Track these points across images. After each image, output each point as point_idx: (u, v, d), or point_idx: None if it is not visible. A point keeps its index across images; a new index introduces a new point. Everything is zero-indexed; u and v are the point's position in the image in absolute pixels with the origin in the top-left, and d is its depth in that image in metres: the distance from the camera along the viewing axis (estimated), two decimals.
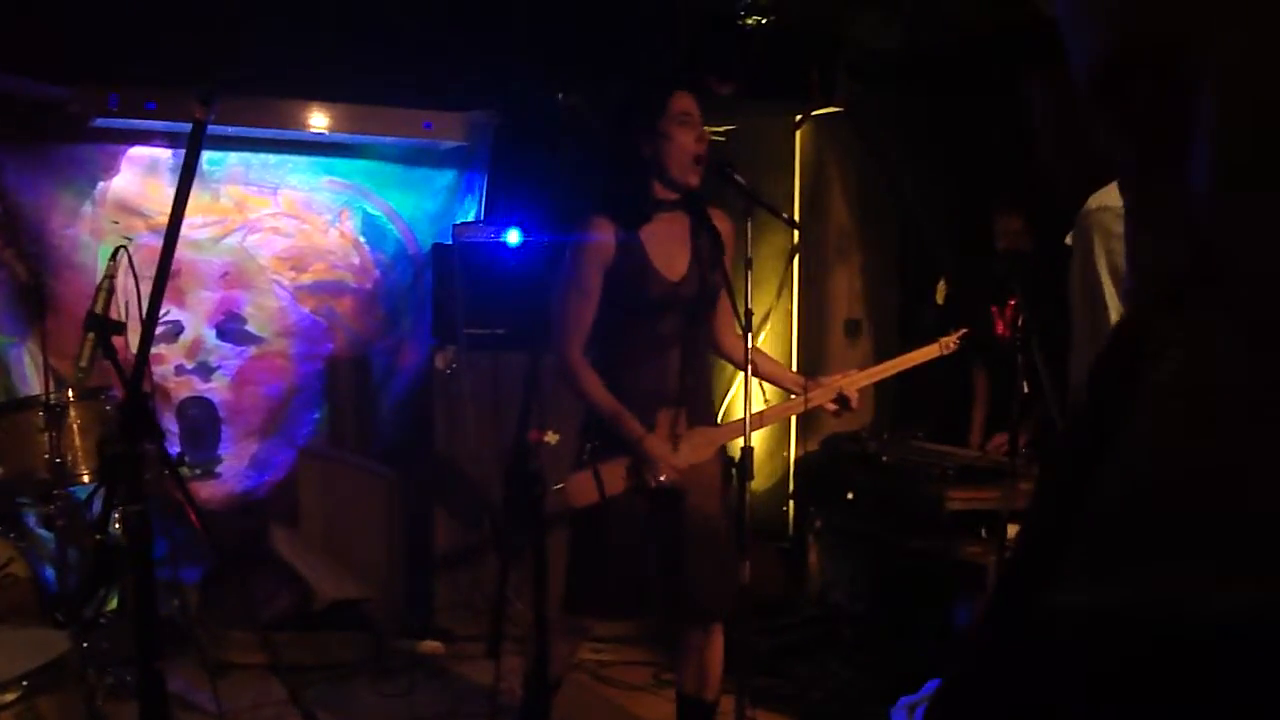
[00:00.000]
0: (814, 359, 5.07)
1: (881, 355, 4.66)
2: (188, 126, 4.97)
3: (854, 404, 3.18)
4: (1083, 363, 2.37)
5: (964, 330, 3.30)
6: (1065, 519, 0.74)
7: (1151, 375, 0.73)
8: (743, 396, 2.89)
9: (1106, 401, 0.76)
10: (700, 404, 3.13)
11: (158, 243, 4.80)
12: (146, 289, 2.63)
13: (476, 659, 4.47)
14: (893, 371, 3.28)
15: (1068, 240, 2.62)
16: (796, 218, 4.84)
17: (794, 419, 5.22)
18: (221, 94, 2.31)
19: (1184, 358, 0.71)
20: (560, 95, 3.76)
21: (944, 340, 3.30)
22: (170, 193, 5.04)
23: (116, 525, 3.41)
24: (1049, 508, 0.80)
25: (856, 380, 3.21)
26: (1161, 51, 0.76)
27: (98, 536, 2.28)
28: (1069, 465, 0.78)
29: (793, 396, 3.25)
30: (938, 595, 3.96)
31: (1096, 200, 2.38)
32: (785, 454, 5.34)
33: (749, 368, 2.88)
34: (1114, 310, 2.27)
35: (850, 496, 4.46)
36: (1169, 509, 0.67)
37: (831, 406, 3.21)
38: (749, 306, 2.92)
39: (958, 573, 3.88)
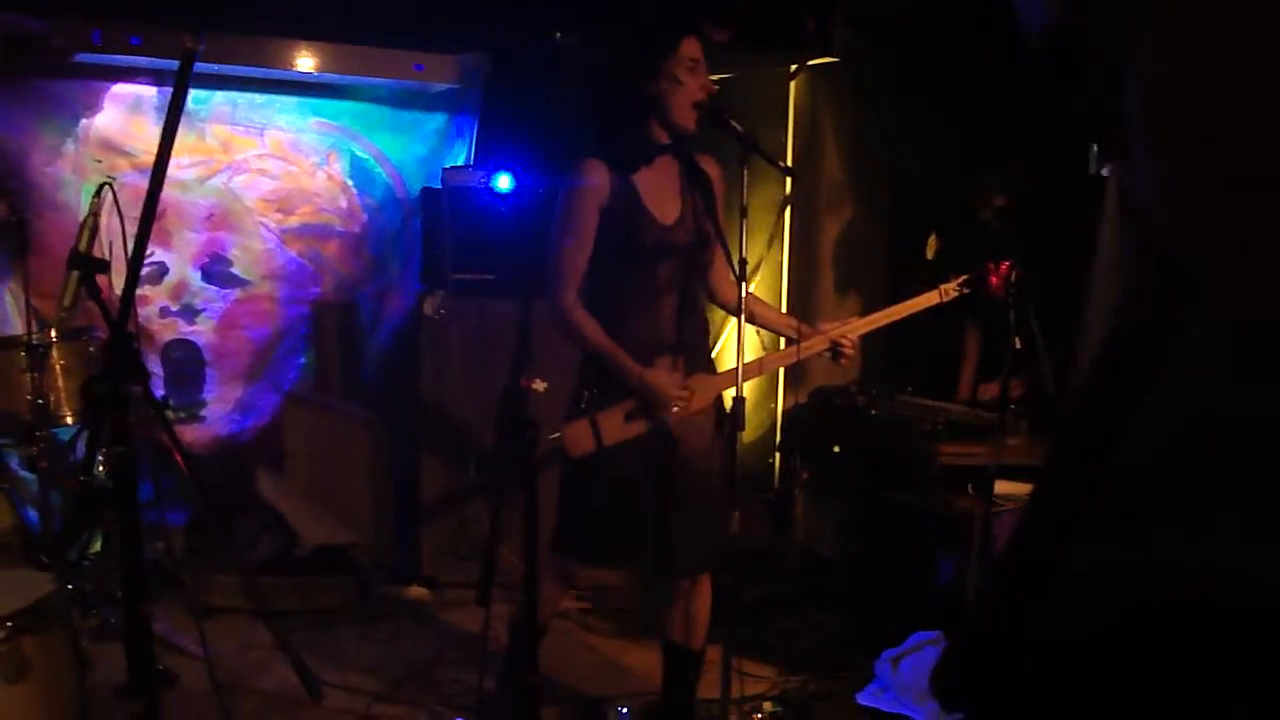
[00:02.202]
0: (804, 310, 5.05)
1: (870, 309, 4.65)
2: (173, 63, 4.87)
3: (848, 351, 3.15)
4: (1104, 291, 2.34)
5: (964, 277, 3.25)
6: (1087, 475, 0.72)
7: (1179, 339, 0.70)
8: (734, 345, 2.86)
9: (1133, 355, 0.74)
10: (698, 351, 3.11)
11: (141, 182, 4.76)
12: (131, 228, 2.59)
13: (462, 605, 4.48)
14: (893, 319, 3.23)
15: (1104, 172, 2.57)
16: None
17: (782, 371, 5.21)
18: (209, 28, 2.25)
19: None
20: (557, 35, 3.70)
21: (943, 287, 3.25)
22: (155, 131, 5.01)
23: (100, 468, 3.40)
24: (1069, 463, 0.78)
25: (857, 327, 3.18)
26: (1097, 33, 0.73)
27: (82, 478, 2.25)
28: (1092, 418, 0.76)
29: (786, 345, 3.23)
30: (923, 549, 3.98)
31: None
32: (773, 406, 5.34)
33: (743, 316, 2.85)
34: None
35: (838, 449, 4.47)
36: (1204, 466, 0.65)
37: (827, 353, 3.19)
38: (743, 255, 2.88)
39: (944, 527, 3.89)
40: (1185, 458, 0.67)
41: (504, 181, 4.85)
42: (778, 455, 5.20)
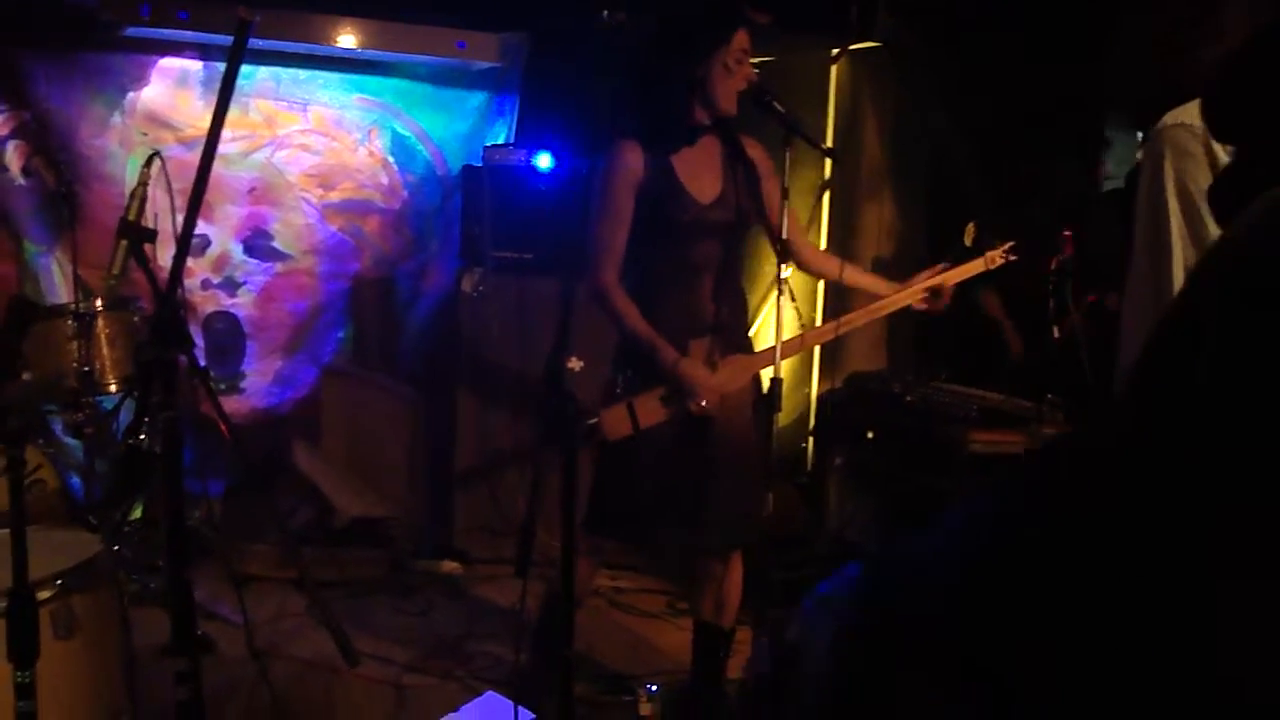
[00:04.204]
0: (840, 294, 5.04)
1: None
2: (219, 38, 4.94)
3: (946, 297, 3.16)
4: (1142, 276, 2.33)
5: (1010, 243, 3.24)
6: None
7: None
8: (771, 323, 2.87)
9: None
10: (735, 331, 3.12)
11: (186, 155, 4.86)
12: (177, 202, 2.63)
13: (494, 580, 4.52)
14: (950, 280, 3.20)
15: (1138, 156, 2.56)
16: None
17: (818, 355, 5.21)
18: (255, 3, 2.28)
19: None
20: (604, 13, 3.71)
21: (990, 254, 3.24)
22: (200, 105, 5.07)
23: (143, 434, 3.45)
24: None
25: (927, 280, 3.19)
26: None
27: (129, 442, 2.29)
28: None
29: (825, 321, 3.24)
30: None
31: (1173, 116, 2.30)
32: (807, 390, 5.34)
33: (781, 295, 2.86)
34: (1177, 233, 2.22)
35: (871, 435, 4.47)
36: None
37: (923, 305, 3.20)
38: (785, 235, 2.90)
39: None
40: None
41: (544, 160, 4.87)
42: (811, 440, 5.20)
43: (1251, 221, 0.76)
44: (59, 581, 2.41)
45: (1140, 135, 3.39)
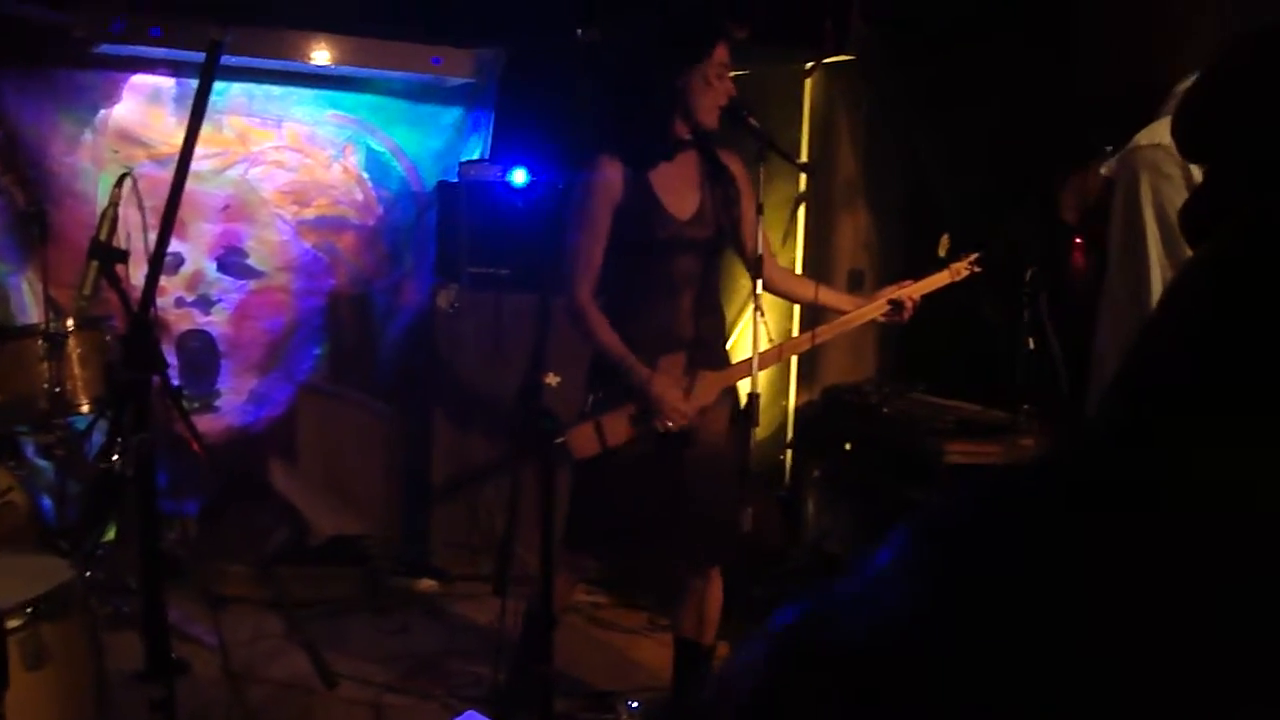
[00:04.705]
0: (816, 308, 5.05)
1: None
2: (191, 55, 4.90)
3: (909, 309, 3.17)
4: (1118, 294, 2.33)
5: (975, 255, 3.25)
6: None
7: None
8: (747, 337, 2.88)
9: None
10: (711, 347, 3.12)
11: (158, 172, 4.82)
12: (149, 220, 2.61)
13: (472, 598, 4.50)
14: (915, 292, 3.21)
15: (1103, 170, 2.55)
16: None
17: (795, 367, 5.22)
18: (229, 20, 2.27)
19: None
20: (580, 30, 3.71)
21: (955, 266, 3.26)
22: (172, 122, 5.03)
23: (118, 456, 3.42)
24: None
25: (889, 293, 3.19)
26: None
27: (102, 466, 2.27)
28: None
29: (802, 332, 3.25)
30: None
31: (1147, 136, 2.31)
32: (784, 403, 5.34)
33: (758, 312, 2.86)
34: (1155, 252, 2.23)
35: (849, 447, 4.48)
36: None
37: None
38: (760, 250, 2.91)
39: None
40: None
41: (520, 176, 4.86)
42: (789, 452, 5.21)
43: (1225, 240, 0.76)
44: (29, 610, 2.37)
45: (1109, 149, 3.45)
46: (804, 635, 0.69)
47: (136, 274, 4.01)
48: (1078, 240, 3.33)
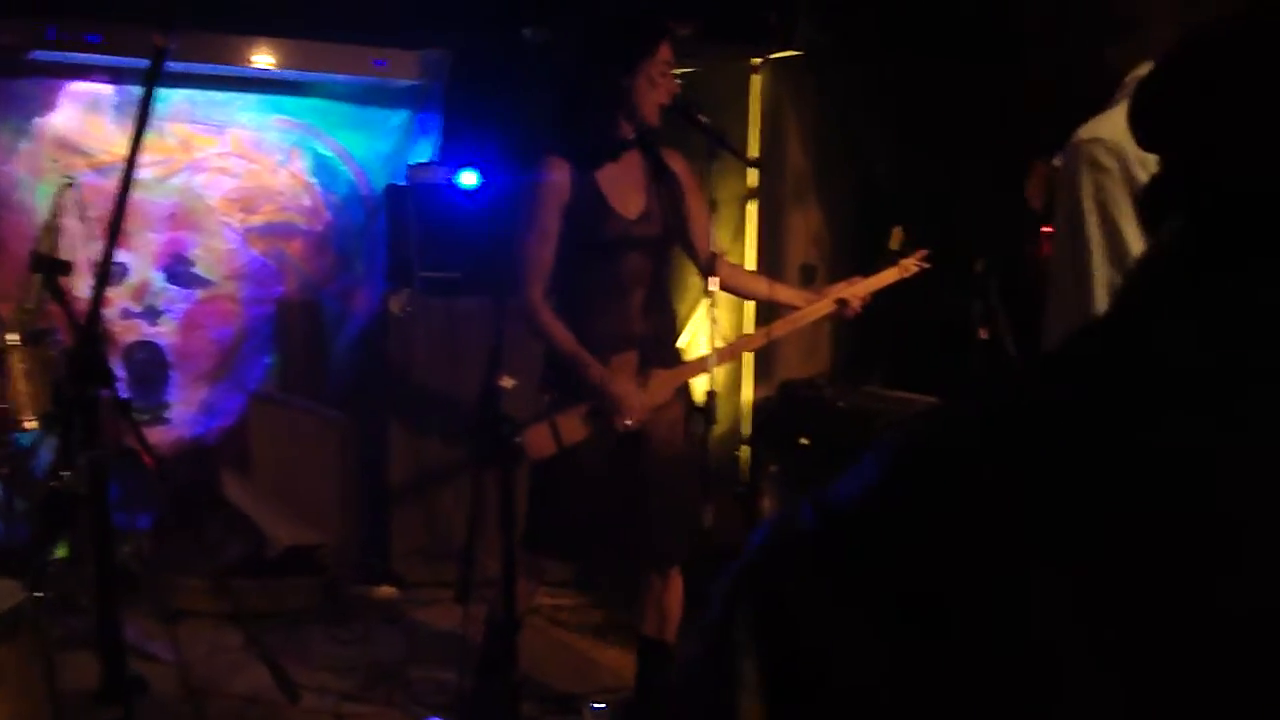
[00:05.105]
0: (769, 304, 5.07)
1: None
2: (131, 61, 4.82)
3: (856, 306, 3.18)
4: (1063, 292, 2.35)
5: (924, 251, 3.28)
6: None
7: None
8: (699, 335, 2.89)
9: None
10: (663, 345, 3.13)
11: (99, 181, 4.74)
12: (89, 229, 2.57)
13: (432, 604, 4.46)
14: (864, 291, 3.24)
15: (1055, 162, 2.58)
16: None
17: (750, 363, 5.23)
18: (170, 25, 2.23)
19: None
20: (526, 31, 3.70)
21: (904, 262, 3.29)
22: (113, 130, 4.95)
23: (67, 473, 3.36)
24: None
25: (839, 291, 3.21)
26: None
27: (52, 484, 2.23)
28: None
29: (757, 328, 3.27)
30: None
31: (1088, 130, 2.33)
32: (740, 399, 5.35)
33: (713, 310, 2.87)
34: (1096, 247, 2.25)
35: (805, 442, 4.49)
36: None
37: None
38: (713, 248, 2.91)
39: None
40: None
41: (469, 178, 4.83)
42: (745, 448, 5.22)
43: (1169, 238, 0.77)
44: None
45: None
46: (789, 515, 0.72)
47: (80, 285, 3.95)
48: (1045, 229, 3.36)
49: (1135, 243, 2.13)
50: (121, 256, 5.00)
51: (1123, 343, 0.69)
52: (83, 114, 4.95)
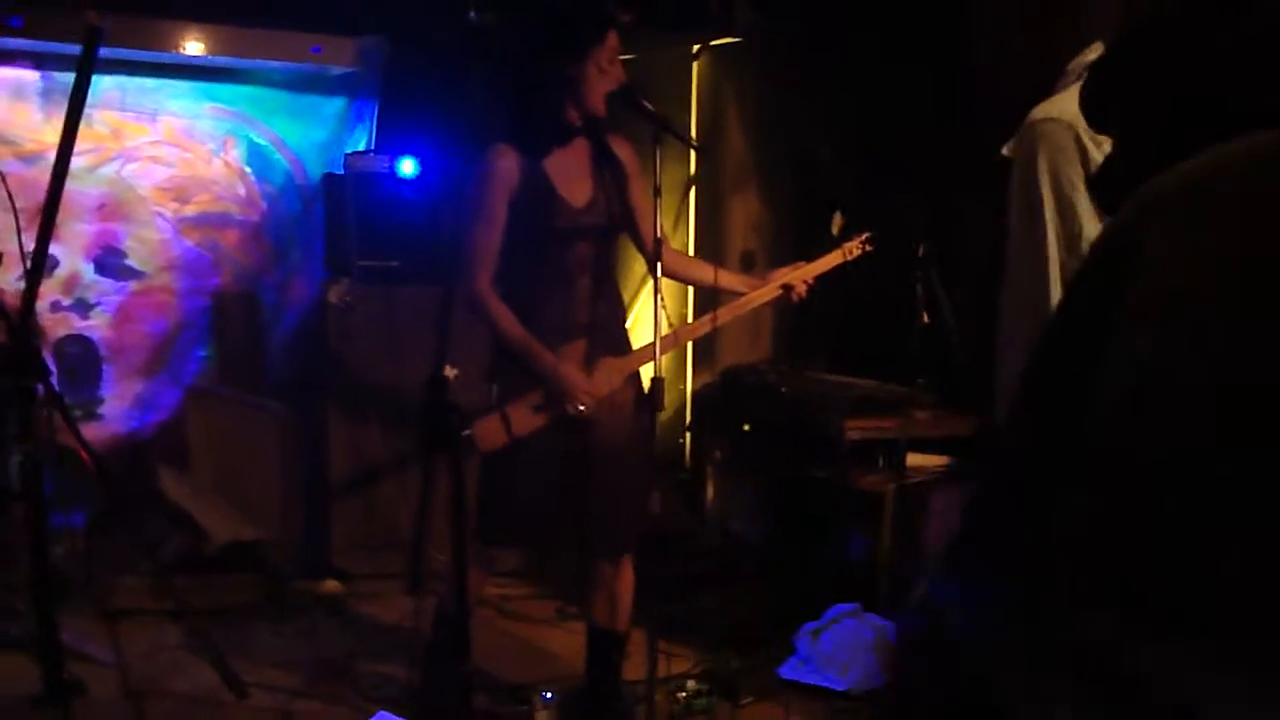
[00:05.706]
0: (712, 291, 5.08)
1: None
2: (57, 46, 4.69)
3: (801, 290, 3.19)
4: (1020, 277, 2.39)
5: (866, 234, 3.30)
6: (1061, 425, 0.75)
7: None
8: (645, 322, 2.88)
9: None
10: (611, 332, 3.12)
11: (25, 170, 4.62)
12: (20, 221, 2.50)
13: (376, 597, 4.43)
14: (808, 275, 3.25)
15: (1005, 151, 2.60)
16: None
17: (691, 350, 5.25)
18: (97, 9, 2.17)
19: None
20: (471, 14, 3.66)
21: (847, 246, 3.30)
22: (39, 118, 4.82)
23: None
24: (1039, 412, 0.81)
25: (789, 274, 3.22)
26: None
27: None
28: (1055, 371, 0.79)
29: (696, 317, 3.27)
30: (836, 524, 4.04)
31: (1042, 111, 2.35)
32: (682, 386, 5.37)
33: (659, 295, 2.86)
34: (1052, 227, 2.28)
35: (748, 428, 4.51)
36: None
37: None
38: (659, 234, 2.90)
39: (856, 501, 3.96)
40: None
41: (408, 166, 4.78)
42: (689, 435, 5.23)
43: (1124, 219, 0.78)
44: None
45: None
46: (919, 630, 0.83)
47: (6, 278, 3.85)
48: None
49: (1090, 225, 2.16)
50: (50, 249, 4.88)
51: None
52: (7, 101, 4.82)
